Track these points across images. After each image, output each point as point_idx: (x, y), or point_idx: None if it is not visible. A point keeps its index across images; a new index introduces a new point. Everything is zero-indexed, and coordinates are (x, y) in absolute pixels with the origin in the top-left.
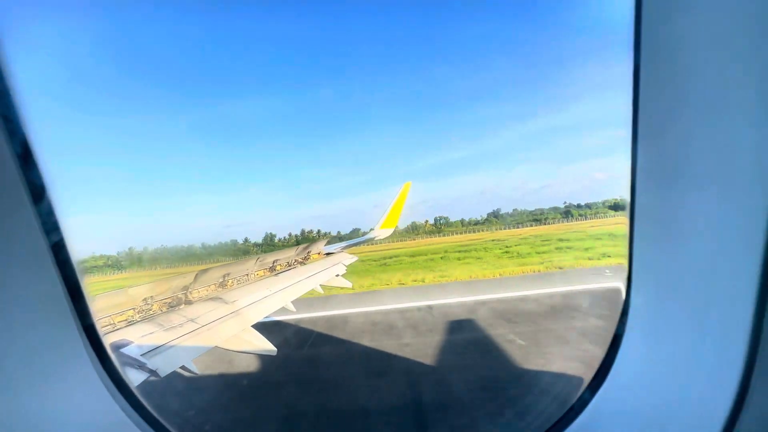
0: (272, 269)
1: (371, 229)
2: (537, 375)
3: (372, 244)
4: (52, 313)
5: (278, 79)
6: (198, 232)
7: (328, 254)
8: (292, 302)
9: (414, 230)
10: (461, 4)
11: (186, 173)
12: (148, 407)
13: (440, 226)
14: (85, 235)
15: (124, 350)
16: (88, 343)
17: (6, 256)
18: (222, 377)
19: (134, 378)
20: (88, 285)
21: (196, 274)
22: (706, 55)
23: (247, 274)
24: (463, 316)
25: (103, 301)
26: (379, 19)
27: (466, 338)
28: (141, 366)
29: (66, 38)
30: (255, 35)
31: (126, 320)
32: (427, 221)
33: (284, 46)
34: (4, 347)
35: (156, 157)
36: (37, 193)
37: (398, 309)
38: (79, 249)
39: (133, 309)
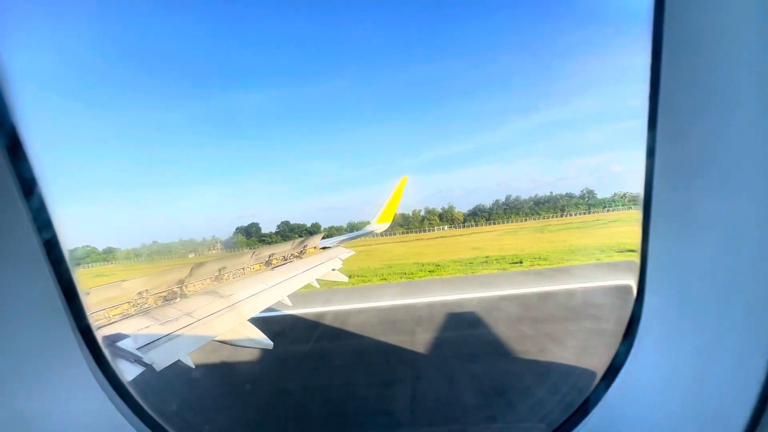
0: (268, 263)
1: (368, 223)
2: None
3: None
4: (47, 314)
5: (286, 73)
6: (211, 223)
7: (324, 248)
8: (288, 296)
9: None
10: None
11: (198, 166)
12: (146, 407)
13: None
14: (86, 228)
15: (119, 344)
16: (83, 343)
17: None
18: (217, 371)
19: (130, 372)
20: (85, 279)
21: (192, 268)
22: (730, 50)
23: (243, 268)
24: None
25: (98, 294)
26: (386, 13)
27: None
28: (137, 360)
29: (65, 32)
30: (264, 29)
31: (121, 314)
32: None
33: (295, 40)
34: None
35: (166, 150)
36: (29, 188)
37: None
38: (78, 242)
39: (128, 302)
